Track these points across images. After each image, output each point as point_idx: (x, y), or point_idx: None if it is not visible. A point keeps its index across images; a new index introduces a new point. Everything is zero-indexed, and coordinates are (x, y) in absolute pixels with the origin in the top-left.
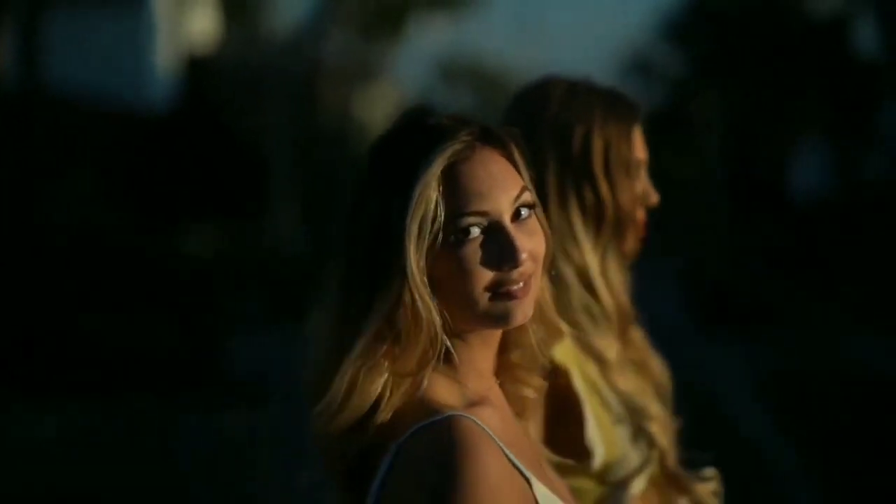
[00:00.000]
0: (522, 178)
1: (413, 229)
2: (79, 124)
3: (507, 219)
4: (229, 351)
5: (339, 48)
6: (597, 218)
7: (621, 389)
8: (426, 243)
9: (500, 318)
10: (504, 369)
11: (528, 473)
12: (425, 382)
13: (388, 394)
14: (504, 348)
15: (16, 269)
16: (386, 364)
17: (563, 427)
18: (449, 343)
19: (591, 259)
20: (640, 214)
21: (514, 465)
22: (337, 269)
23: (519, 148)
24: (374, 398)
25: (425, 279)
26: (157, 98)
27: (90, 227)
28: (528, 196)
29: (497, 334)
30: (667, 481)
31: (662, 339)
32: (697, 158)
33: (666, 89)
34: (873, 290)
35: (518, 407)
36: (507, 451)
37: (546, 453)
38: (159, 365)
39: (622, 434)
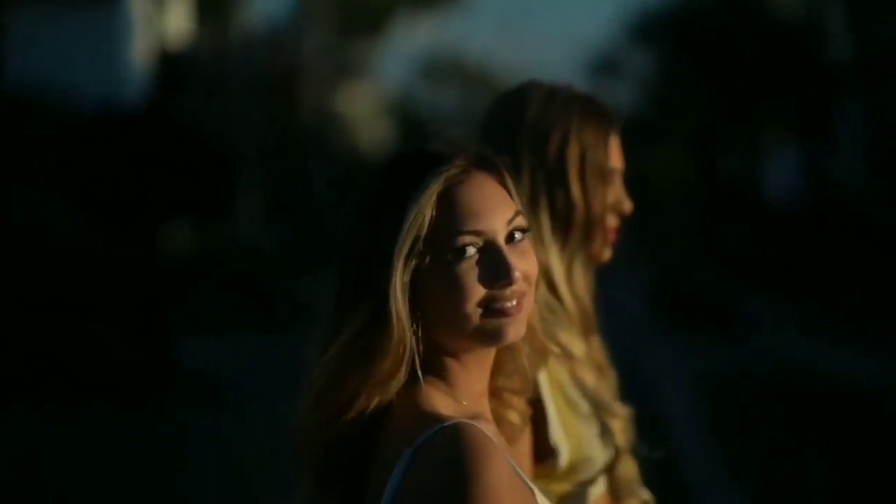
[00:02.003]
0: (515, 203)
1: (403, 248)
2: (46, 123)
3: (501, 239)
4: (187, 352)
5: (318, 46)
6: (566, 222)
7: (588, 385)
8: (415, 262)
9: (492, 335)
10: (493, 393)
11: (532, 484)
12: (422, 394)
13: (359, 398)
14: (494, 371)
15: None
16: (358, 370)
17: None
18: (418, 361)
19: (557, 263)
20: (613, 221)
21: (520, 475)
22: (331, 278)
23: (510, 175)
24: (345, 400)
25: (406, 297)
26: (131, 96)
27: (47, 228)
28: (521, 220)
29: (491, 355)
30: (611, 485)
31: (618, 338)
32: (666, 161)
33: (635, 92)
34: (833, 295)
35: (505, 433)
36: (511, 461)
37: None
38: (112, 368)
39: (589, 433)
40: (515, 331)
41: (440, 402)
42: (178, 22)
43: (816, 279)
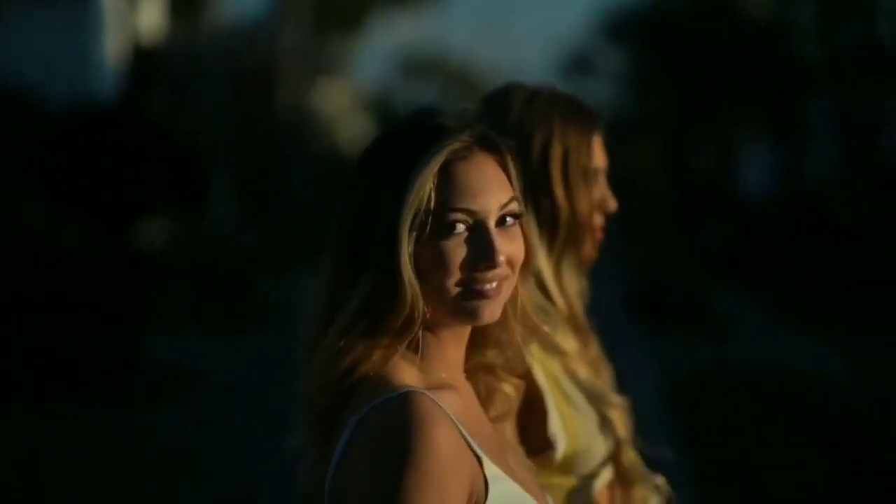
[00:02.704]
0: (513, 188)
1: (407, 218)
2: (18, 118)
3: (492, 222)
4: (156, 349)
5: (294, 43)
6: (552, 225)
7: (583, 379)
8: (415, 233)
9: (467, 314)
10: (485, 367)
11: (480, 453)
12: (390, 365)
13: (358, 366)
14: (486, 346)
15: None
16: (362, 340)
17: (524, 420)
18: (420, 331)
19: (545, 265)
20: (598, 220)
21: (467, 443)
22: (328, 248)
23: (513, 159)
24: (346, 368)
25: (412, 265)
26: (103, 92)
27: (17, 224)
28: (515, 206)
29: (467, 330)
30: (618, 478)
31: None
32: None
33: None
34: (807, 292)
35: (498, 405)
36: (462, 429)
37: (520, 453)
38: (79, 365)
39: (587, 425)
40: (490, 313)
41: (406, 371)
42: (151, 18)
43: (791, 276)
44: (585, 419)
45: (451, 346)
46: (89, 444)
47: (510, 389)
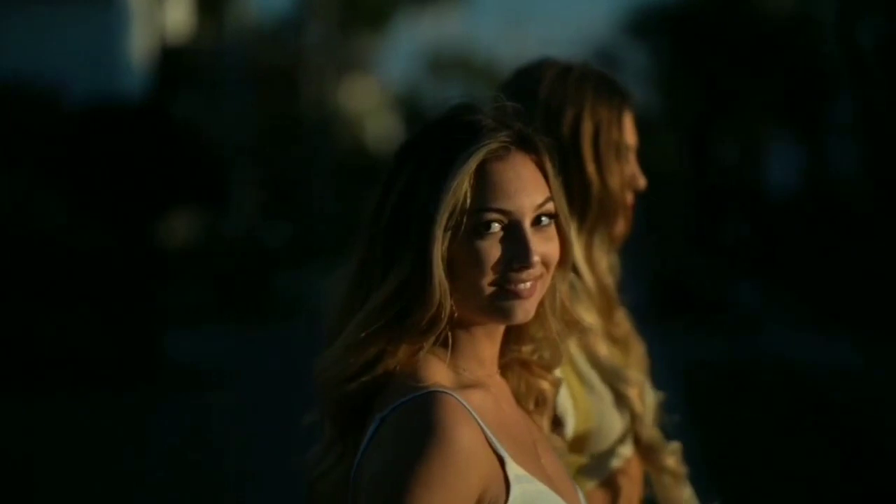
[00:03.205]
0: (549, 187)
1: (443, 217)
2: (44, 116)
3: (527, 222)
4: (171, 343)
5: (320, 41)
6: (582, 201)
7: (600, 355)
8: (450, 231)
9: (500, 314)
10: (521, 363)
11: (503, 453)
12: (420, 363)
13: (381, 360)
14: (522, 342)
15: None
16: (385, 334)
17: None
18: (450, 329)
19: (575, 241)
20: (629, 198)
21: (490, 443)
22: (358, 239)
23: (551, 158)
24: (366, 361)
25: (445, 264)
26: (130, 91)
27: (39, 220)
28: (551, 206)
29: (501, 327)
30: (640, 452)
31: None
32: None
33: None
34: (827, 288)
35: (534, 401)
36: (486, 430)
37: (557, 448)
38: (94, 359)
39: (599, 405)
40: (524, 313)
41: (436, 369)
42: (177, 16)
43: (813, 272)
44: (598, 398)
45: (485, 344)
46: (108, 432)
47: (546, 385)
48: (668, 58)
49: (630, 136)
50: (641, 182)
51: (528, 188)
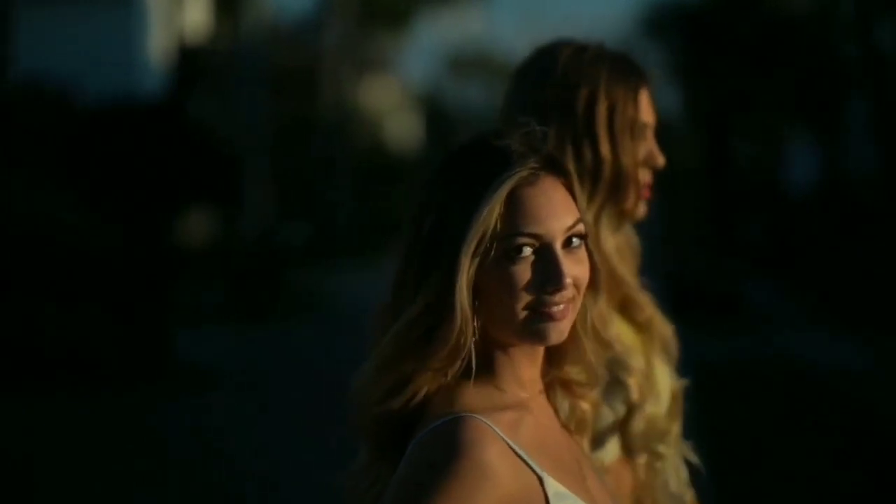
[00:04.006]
0: (578, 209)
1: (472, 244)
2: (62, 116)
3: (558, 245)
4: (181, 342)
5: (340, 40)
6: (592, 177)
7: (601, 337)
8: (479, 257)
9: (534, 336)
10: (561, 384)
11: (540, 471)
12: (455, 388)
13: (412, 382)
14: (560, 363)
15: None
16: (413, 355)
17: None
18: (490, 352)
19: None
20: (646, 177)
21: (525, 462)
22: (396, 250)
23: (577, 181)
24: (397, 381)
25: (470, 291)
26: (149, 91)
27: (56, 219)
28: (581, 227)
29: (540, 349)
30: (623, 441)
31: None
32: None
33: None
34: (844, 288)
35: (575, 420)
36: (518, 450)
37: (598, 467)
38: (101, 359)
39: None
40: (557, 335)
41: (474, 394)
42: (196, 16)
43: (829, 272)
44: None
45: (524, 365)
46: (112, 431)
47: (585, 405)
48: (685, 56)
49: (647, 114)
50: (660, 160)
51: (558, 212)
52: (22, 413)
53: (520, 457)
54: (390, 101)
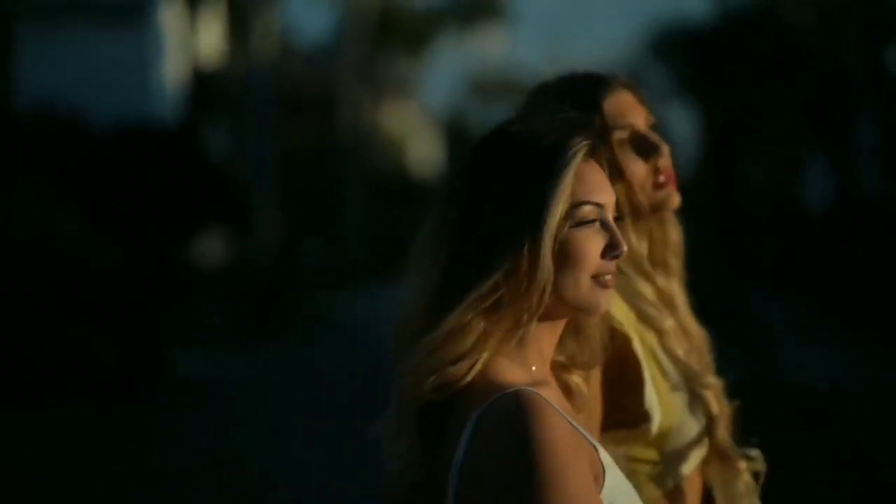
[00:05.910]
0: None
1: (558, 207)
2: (74, 140)
3: (611, 215)
4: (185, 360)
5: (358, 63)
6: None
7: (679, 357)
8: (557, 224)
9: (591, 305)
10: (563, 364)
11: (594, 441)
12: (496, 363)
13: (475, 350)
14: (565, 343)
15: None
16: (480, 324)
17: (621, 392)
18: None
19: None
20: (662, 164)
21: (581, 433)
22: (437, 239)
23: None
24: (463, 351)
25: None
26: (161, 115)
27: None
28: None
29: (562, 325)
30: (715, 454)
31: None
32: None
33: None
34: (845, 306)
35: (574, 401)
36: (573, 423)
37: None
38: (101, 375)
39: (679, 402)
40: (606, 304)
41: (509, 369)
42: (210, 40)
43: (841, 291)
44: (679, 396)
45: (547, 341)
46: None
47: (584, 388)
48: (694, 77)
49: (629, 116)
50: (664, 149)
51: (608, 186)
52: (17, 427)
53: (574, 427)
54: (411, 125)
